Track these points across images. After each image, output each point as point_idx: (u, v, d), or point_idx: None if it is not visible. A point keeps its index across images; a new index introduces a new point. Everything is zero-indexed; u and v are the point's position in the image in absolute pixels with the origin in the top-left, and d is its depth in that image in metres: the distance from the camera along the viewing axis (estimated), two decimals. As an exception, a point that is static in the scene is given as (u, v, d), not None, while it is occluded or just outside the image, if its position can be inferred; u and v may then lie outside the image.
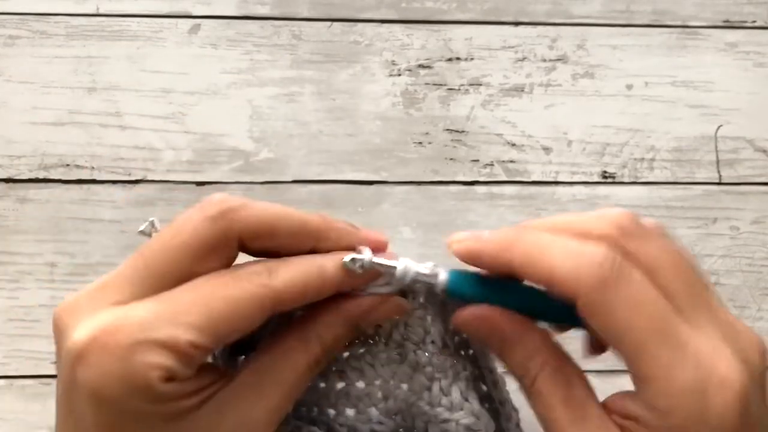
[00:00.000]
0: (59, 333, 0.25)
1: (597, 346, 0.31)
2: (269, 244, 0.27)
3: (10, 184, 0.50)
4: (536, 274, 0.26)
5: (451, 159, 0.52)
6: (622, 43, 0.55)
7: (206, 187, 0.50)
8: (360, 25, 0.54)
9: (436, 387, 0.30)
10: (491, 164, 0.52)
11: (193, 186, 0.50)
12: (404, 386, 0.31)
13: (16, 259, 0.48)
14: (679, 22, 0.56)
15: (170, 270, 0.25)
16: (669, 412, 0.25)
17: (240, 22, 0.54)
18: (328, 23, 0.54)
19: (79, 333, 0.24)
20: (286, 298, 0.26)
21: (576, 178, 0.52)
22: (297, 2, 0.54)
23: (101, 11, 0.53)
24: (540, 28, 0.55)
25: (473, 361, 0.33)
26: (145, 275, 0.25)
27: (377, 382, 0.31)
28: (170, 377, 0.24)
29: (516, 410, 0.34)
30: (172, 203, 0.50)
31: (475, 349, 0.32)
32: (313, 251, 0.28)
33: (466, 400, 0.31)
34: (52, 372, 0.47)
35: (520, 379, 0.29)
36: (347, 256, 0.28)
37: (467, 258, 0.28)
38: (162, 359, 0.23)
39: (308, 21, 0.54)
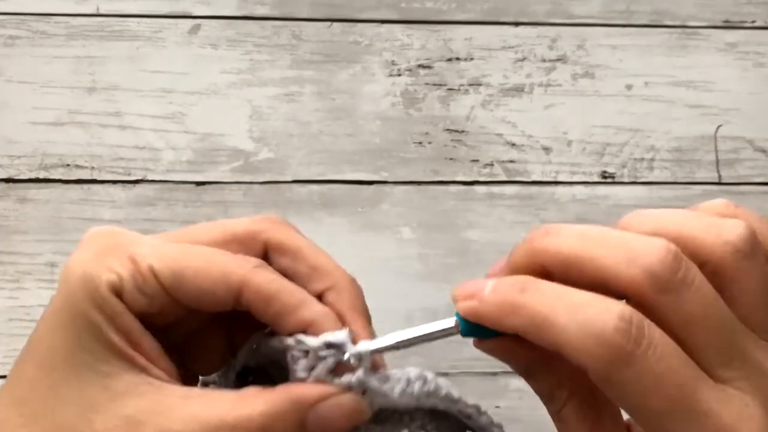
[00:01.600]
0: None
1: None
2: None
3: (11, 184, 0.50)
4: (545, 345, 0.24)
5: (451, 159, 0.52)
6: (622, 43, 0.55)
7: (206, 186, 0.50)
8: (360, 25, 0.54)
9: None
10: (491, 164, 0.52)
11: (193, 186, 0.50)
12: None
13: (17, 259, 0.49)
14: (678, 23, 0.56)
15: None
16: None
17: (240, 23, 0.54)
18: (328, 23, 0.54)
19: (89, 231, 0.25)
20: (257, 291, 0.25)
21: (576, 178, 0.52)
22: (297, 2, 0.54)
23: (101, 11, 0.53)
24: (540, 28, 0.55)
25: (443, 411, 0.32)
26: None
27: None
28: (117, 288, 0.24)
29: (499, 426, 0.34)
30: (171, 203, 0.50)
31: (441, 405, 0.32)
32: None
33: None
34: (52, 372, 0.47)
35: (546, 404, 0.28)
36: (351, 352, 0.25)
37: (474, 320, 0.26)
38: (118, 266, 0.24)
39: (308, 21, 0.54)
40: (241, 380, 0.30)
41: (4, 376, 0.48)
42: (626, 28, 0.55)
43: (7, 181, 0.50)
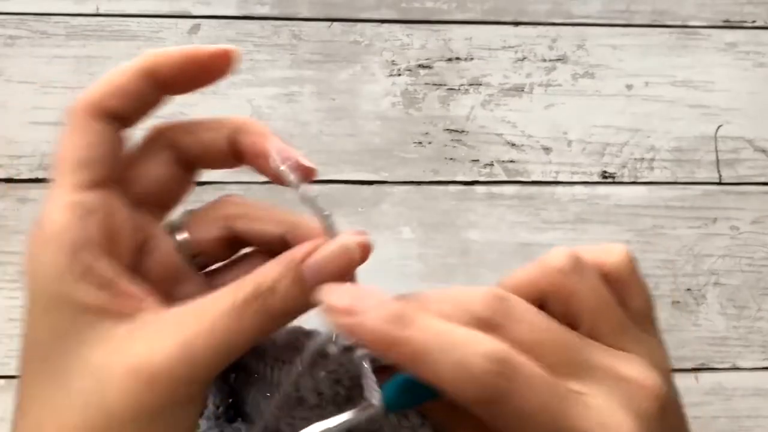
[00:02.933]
0: None
1: None
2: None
3: (11, 184, 0.50)
4: (428, 381, 0.24)
5: (451, 159, 0.52)
6: (622, 43, 0.55)
7: (206, 186, 0.50)
8: (360, 25, 0.54)
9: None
10: (491, 164, 0.52)
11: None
12: None
13: (17, 259, 0.49)
14: (679, 22, 0.56)
15: None
16: None
17: (240, 22, 0.54)
18: (328, 23, 0.54)
19: None
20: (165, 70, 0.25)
21: (576, 178, 0.52)
22: (297, 2, 0.54)
23: (101, 11, 0.53)
24: (540, 28, 0.55)
25: None
26: None
27: None
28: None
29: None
30: (172, 203, 0.50)
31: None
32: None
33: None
34: (52, 372, 0.47)
35: None
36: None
37: (350, 335, 0.24)
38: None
39: (308, 21, 0.54)
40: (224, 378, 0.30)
41: (4, 377, 0.48)
42: (626, 28, 0.55)
43: (8, 181, 0.50)
